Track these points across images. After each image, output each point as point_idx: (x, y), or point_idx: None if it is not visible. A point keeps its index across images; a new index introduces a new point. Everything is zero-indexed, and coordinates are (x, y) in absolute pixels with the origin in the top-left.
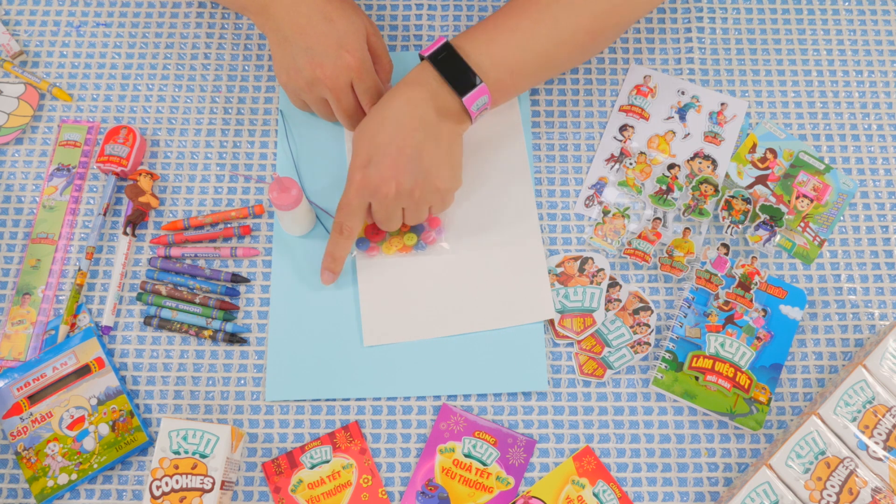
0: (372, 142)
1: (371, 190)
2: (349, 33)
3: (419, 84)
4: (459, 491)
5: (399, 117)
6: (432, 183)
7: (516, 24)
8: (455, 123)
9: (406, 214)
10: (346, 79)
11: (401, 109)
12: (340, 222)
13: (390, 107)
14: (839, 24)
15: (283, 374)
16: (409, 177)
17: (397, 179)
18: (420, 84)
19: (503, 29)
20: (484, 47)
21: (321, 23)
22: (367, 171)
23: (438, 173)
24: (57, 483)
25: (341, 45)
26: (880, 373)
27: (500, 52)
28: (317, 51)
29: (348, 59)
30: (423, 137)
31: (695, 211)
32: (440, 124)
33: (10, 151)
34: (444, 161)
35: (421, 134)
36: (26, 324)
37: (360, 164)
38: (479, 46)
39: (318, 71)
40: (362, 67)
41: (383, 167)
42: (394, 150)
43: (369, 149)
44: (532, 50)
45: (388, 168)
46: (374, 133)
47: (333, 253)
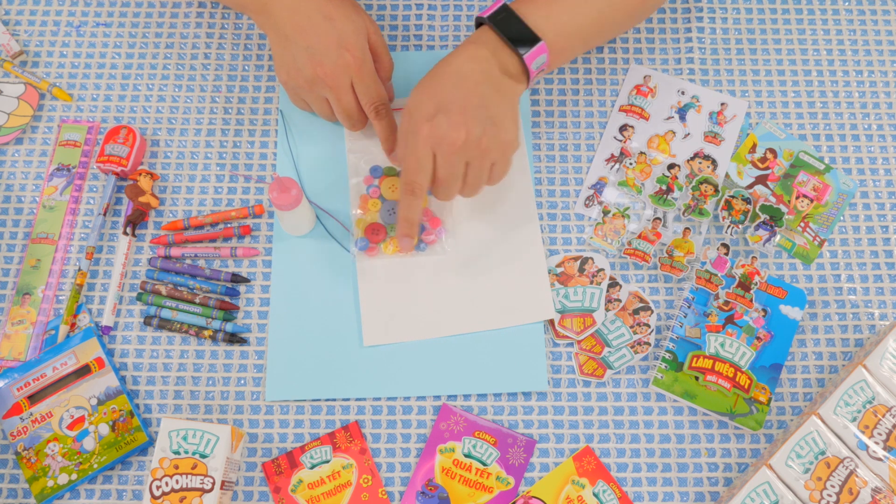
0: (437, 94)
1: (438, 139)
2: (349, 32)
3: (480, 43)
4: (459, 491)
5: (463, 72)
6: (499, 134)
7: None
8: (515, 83)
9: (469, 171)
10: (347, 78)
11: (464, 65)
12: (410, 180)
13: (453, 62)
14: (839, 24)
15: (283, 374)
16: (477, 125)
17: (467, 127)
18: (481, 43)
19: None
20: (542, 9)
21: (322, 22)
22: (434, 120)
23: (504, 125)
24: (57, 483)
25: (341, 44)
26: (880, 373)
27: (556, 14)
28: (317, 50)
29: (348, 58)
30: (488, 90)
31: (695, 211)
32: (503, 80)
33: (10, 151)
34: (509, 114)
35: (485, 87)
36: (26, 324)
37: (425, 115)
38: (536, 9)
39: (318, 70)
40: (362, 66)
41: (452, 115)
42: (461, 99)
43: (435, 100)
44: (587, 13)
45: (457, 115)
46: (439, 86)
47: (408, 216)
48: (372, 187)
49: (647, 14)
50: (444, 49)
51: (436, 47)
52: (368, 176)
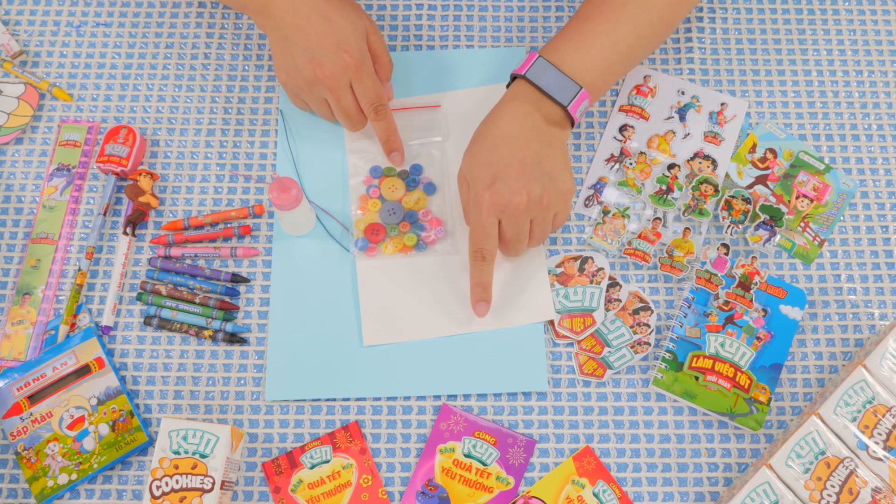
0: (491, 161)
1: (502, 206)
2: (348, 33)
3: (520, 99)
4: (459, 491)
5: (511, 132)
6: (557, 187)
7: (595, 27)
8: (560, 130)
9: (534, 227)
10: (346, 79)
11: (511, 125)
12: (479, 248)
13: (500, 124)
14: (839, 24)
15: (282, 374)
16: (536, 184)
17: (528, 189)
18: (521, 99)
19: (587, 34)
20: (574, 55)
21: (320, 22)
22: (494, 187)
23: (561, 176)
24: (57, 483)
25: (340, 46)
26: (880, 373)
27: (589, 57)
28: (316, 51)
29: (347, 59)
30: (540, 146)
31: (695, 211)
32: (550, 131)
33: (10, 151)
34: (562, 164)
35: (537, 143)
36: (26, 324)
37: (484, 184)
38: (569, 55)
39: (317, 71)
40: (361, 67)
41: (511, 180)
42: (516, 163)
43: (492, 168)
44: (617, 49)
45: (516, 180)
46: (491, 153)
47: (481, 281)
48: (372, 187)
49: (669, 34)
50: (443, 49)
51: (436, 47)
52: (368, 176)
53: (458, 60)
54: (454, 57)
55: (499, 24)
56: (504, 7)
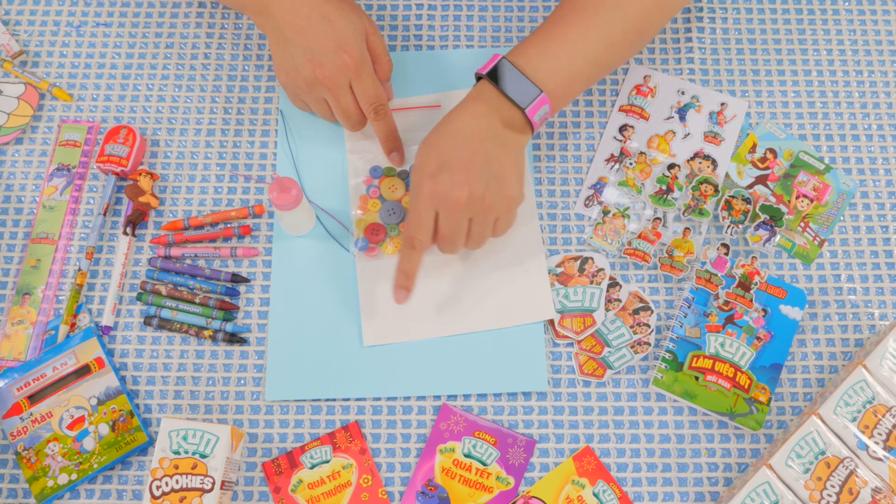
0: (441, 152)
1: (441, 197)
2: (348, 33)
3: (480, 100)
4: (459, 491)
5: (466, 129)
6: (502, 190)
7: (566, 32)
8: (519, 134)
9: (472, 227)
10: (345, 79)
11: (467, 122)
12: (411, 236)
13: (456, 121)
14: (839, 24)
15: (282, 374)
16: (480, 183)
17: (470, 184)
18: (481, 100)
19: (554, 38)
20: (538, 59)
21: (320, 23)
22: (437, 178)
23: (508, 181)
24: (57, 483)
25: (340, 46)
26: (880, 373)
27: (554, 62)
28: (316, 51)
29: (347, 60)
30: (493, 147)
31: (695, 211)
32: (507, 134)
33: (10, 151)
34: (513, 169)
35: (490, 144)
36: (26, 324)
37: (429, 172)
38: (533, 59)
39: (317, 71)
40: (361, 67)
41: (455, 172)
42: (465, 157)
43: (440, 158)
44: (585, 55)
45: (460, 173)
46: (443, 145)
47: (406, 269)
48: (372, 187)
49: (643, 45)
50: (443, 49)
51: (436, 47)
52: (368, 176)
53: (458, 60)
54: (454, 57)
55: (498, 24)
56: (504, 7)
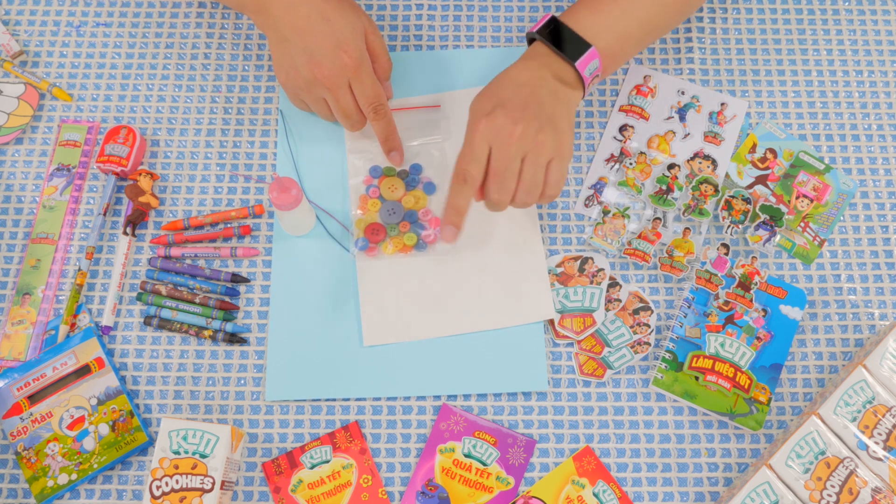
0: (496, 96)
1: (495, 132)
2: (347, 33)
3: (533, 58)
4: (459, 491)
5: (521, 78)
6: (556, 133)
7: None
8: (573, 90)
9: (525, 166)
10: (345, 79)
11: (521, 73)
12: (463, 170)
13: (510, 72)
14: (839, 24)
15: (282, 374)
16: (535, 121)
17: (525, 120)
18: (534, 58)
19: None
20: (589, 17)
21: (319, 23)
22: (492, 115)
23: (561, 126)
24: (57, 483)
25: (339, 46)
26: (880, 373)
27: (604, 20)
28: (315, 51)
29: (346, 60)
30: (546, 95)
31: (695, 211)
32: (559, 87)
33: (10, 151)
34: (566, 119)
35: (543, 91)
36: (26, 324)
37: (484, 112)
38: (584, 17)
39: (316, 71)
40: (360, 67)
41: (510, 110)
42: (520, 99)
43: (493, 100)
44: (635, 16)
45: (515, 110)
46: (498, 90)
47: (456, 204)
48: (371, 187)
49: (693, 9)
50: (443, 49)
51: (436, 47)
52: (368, 176)
53: (458, 60)
54: (454, 57)
55: (499, 24)
56: (504, 7)
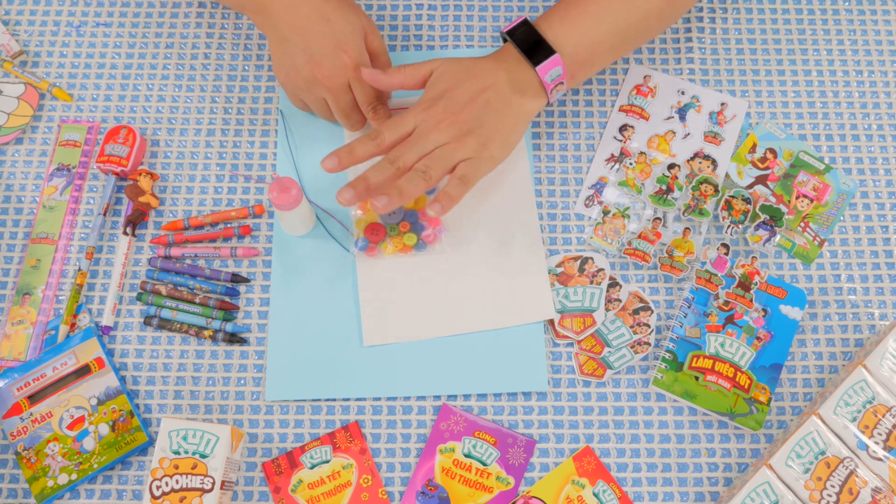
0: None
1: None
2: (347, 33)
3: (499, 60)
4: (459, 491)
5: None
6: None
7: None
8: (529, 99)
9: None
10: (344, 79)
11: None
12: (380, 131)
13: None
14: (839, 24)
15: (283, 374)
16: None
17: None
18: (500, 60)
19: (577, 9)
20: (558, 24)
21: (319, 23)
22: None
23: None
24: (57, 483)
25: (339, 46)
26: (880, 373)
27: (573, 28)
28: (315, 51)
29: (346, 60)
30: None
31: (695, 211)
32: (512, 97)
33: (10, 151)
34: (503, 129)
35: (493, 94)
36: (26, 324)
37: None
38: (553, 24)
39: (316, 71)
40: (359, 67)
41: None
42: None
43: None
44: (608, 23)
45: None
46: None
47: (355, 148)
48: None
49: (671, 22)
50: (443, 49)
51: (436, 47)
52: None
53: None
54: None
55: (498, 25)
56: (504, 7)
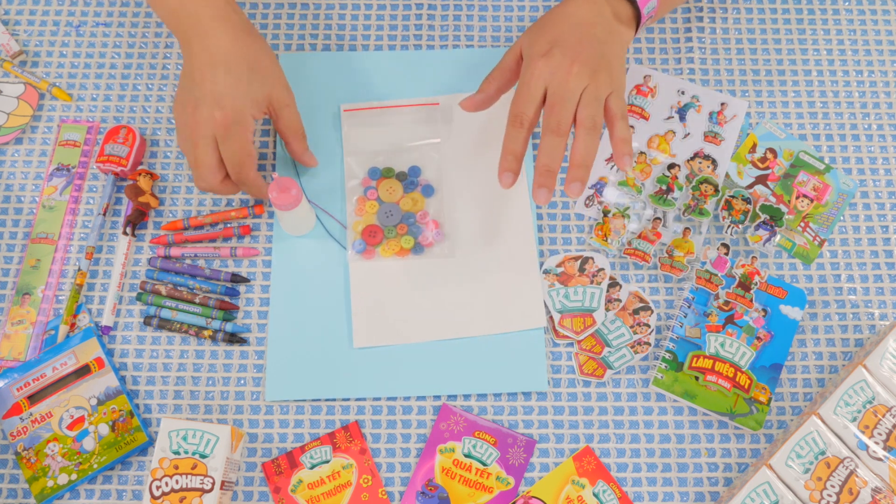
0: (551, 33)
1: (551, 71)
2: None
3: None
4: (459, 491)
5: (579, 14)
6: (612, 71)
7: None
8: (626, 28)
9: (582, 100)
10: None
11: (578, 10)
12: (519, 112)
13: (566, 9)
14: (839, 24)
15: (282, 374)
16: (590, 60)
17: (581, 59)
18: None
19: None
20: None
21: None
22: (550, 55)
23: (615, 64)
24: (57, 483)
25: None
26: (880, 373)
27: None
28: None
29: (218, 116)
30: (602, 32)
31: (695, 211)
32: (615, 25)
33: (10, 151)
34: (618, 56)
35: (599, 28)
36: (26, 324)
37: (540, 52)
38: None
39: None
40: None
41: (568, 48)
42: (576, 37)
43: (549, 39)
44: None
45: (572, 48)
46: (553, 26)
47: (513, 149)
48: (370, 189)
49: None
50: (443, 49)
51: (435, 47)
52: (366, 178)
53: (458, 60)
54: (454, 57)
55: (499, 24)
56: (504, 7)
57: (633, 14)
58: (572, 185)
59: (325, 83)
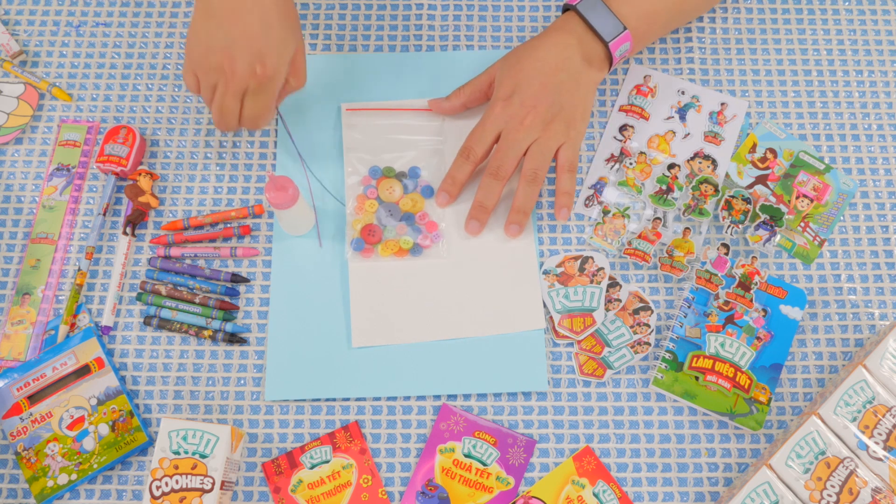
0: (517, 76)
1: (507, 117)
2: (274, 48)
3: (567, 31)
4: (459, 491)
5: (546, 57)
6: (566, 120)
7: None
8: (596, 71)
9: (531, 150)
10: (244, 85)
11: (549, 51)
12: (469, 147)
13: (538, 48)
14: (839, 24)
15: (282, 374)
16: (548, 110)
17: (537, 110)
18: (567, 31)
19: None
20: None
21: (256, 21)
22: (509, 101)
23: (574, 113)
24: (57, 483)
25: (259, 54)
26: (880, 373)
27: (639, 2)
28: (235, 43)
29: (258, 70)
30: (566, 79)
31: (695, 211)
32: (582, 70)
33: (10, 151)
34: (580, 104)
35: (564, 75)
36: (26, 324)
37: (502, 95)
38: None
39: (225, 62)
40: (264, 85)
41: (526, 97)
42: (537, 85)
43: (514, 82)
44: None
45: (531, 97)
46: (521, 69)
47: (455, 175)
48: (369, 188)
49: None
50: (443, 49)
51: (435, 48)
52: (367, 176)
53: (458, 61)
54: (454, 57)
55: (499, 25)
56: (504, 7)
57: (606, 55)
58: (510, 227)
59: (326, 83)
